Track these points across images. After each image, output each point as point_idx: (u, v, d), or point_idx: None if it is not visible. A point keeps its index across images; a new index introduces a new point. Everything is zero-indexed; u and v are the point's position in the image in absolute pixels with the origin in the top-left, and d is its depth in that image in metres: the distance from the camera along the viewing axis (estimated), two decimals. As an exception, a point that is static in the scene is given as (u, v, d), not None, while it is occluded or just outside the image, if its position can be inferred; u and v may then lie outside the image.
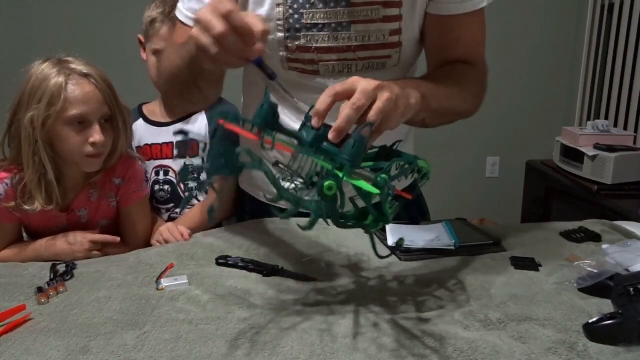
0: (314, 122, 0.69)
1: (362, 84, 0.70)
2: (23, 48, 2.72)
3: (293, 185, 0.69)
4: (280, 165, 0.73)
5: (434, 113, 0.85)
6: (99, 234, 1.08)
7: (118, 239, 1.08)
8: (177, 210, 1.41)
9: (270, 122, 0.70)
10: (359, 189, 0.66)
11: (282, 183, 0.65)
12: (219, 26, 0.66)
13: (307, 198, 0.65)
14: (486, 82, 1.02)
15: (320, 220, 0.68)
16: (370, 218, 0.69)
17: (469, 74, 0.99)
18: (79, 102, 1.01)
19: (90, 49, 2.98)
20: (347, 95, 0.69)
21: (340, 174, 0.65)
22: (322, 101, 0.69)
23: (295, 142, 0.71)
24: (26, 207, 1.02)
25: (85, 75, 1.03)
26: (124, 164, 1.12)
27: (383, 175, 0.65)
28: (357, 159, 0.66)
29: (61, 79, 1.00)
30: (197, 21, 0.69)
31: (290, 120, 0.98)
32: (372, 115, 0.69)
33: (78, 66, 1.03)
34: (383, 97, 0.69)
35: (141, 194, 1.16)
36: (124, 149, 1.11)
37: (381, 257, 0.78)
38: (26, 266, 0.96)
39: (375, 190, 0.64)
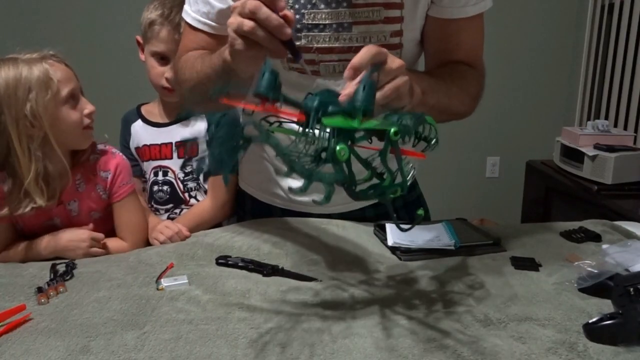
0: (347, 73, 0.69)
1: (389, 61, 0.71)
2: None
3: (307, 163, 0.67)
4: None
5: (431, 109, 0.85)
6: (95, 231, 1.09)
7: (102, 235, 1.09)
8: (177, 210, 1.41)
9: (274, 91, 0.67)
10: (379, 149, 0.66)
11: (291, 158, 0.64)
12: (264, 10, 0.69)
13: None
14: (484, 84, 1.02)
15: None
16: (387, 179, 0.67)
17: (468, 75, 0.99)
18: (64, 80, 1.05)
19: (88, 50, 2.96)
20: (377, 62, 0.70)
21: (354, 123, 0.64)
22: (362, 58, 0.69)
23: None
24: (21, 211, 1.02)
25: (54, 57, 1.06)
26: (108, 157, 1.13)
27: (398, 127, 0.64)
28: (369, 104, 0.65)
29: (43, 66, 1.02)
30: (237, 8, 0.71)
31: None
32: (387, 89, 0.70)
33: (41, 53, 1.06)
34: (403, 78, 0.72)
35: (131, 187, 1.16)
36: None
37: (403, 230, 0.76)
38: (26, 266, 0.96)
39: (394, 127, 0.63)
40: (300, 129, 0.66)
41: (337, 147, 0.62)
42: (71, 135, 1.06)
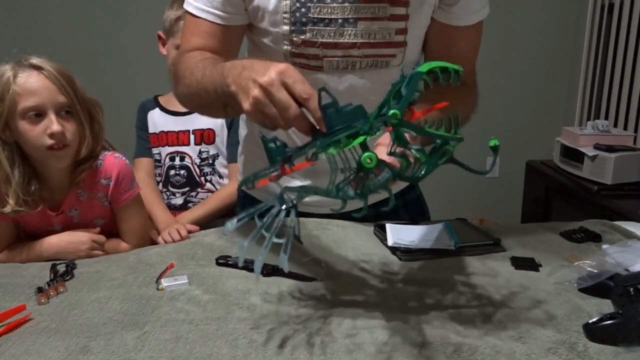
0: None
1: None
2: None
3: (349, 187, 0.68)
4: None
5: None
6: (97, 234, 1.09)
7: (103, 237, 1.09)
8: (192, 193, 1.51)
9: (284, 153, 0.68)
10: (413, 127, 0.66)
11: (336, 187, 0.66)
12: (294, 109, 0.65)
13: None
14: (477, 98, 1.02)
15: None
16: (422, 156, 0.66)
17: (469, 99, 0.99)
18: (28, 93, 0.99)
19: (102, 48, 2.95)
20: None
21: (331, 149, 0.64)
22: None
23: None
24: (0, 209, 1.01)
25: (35, 67, 1.01)
26: (110, 164, 1.11)
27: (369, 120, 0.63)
28: (339, 123, 0.65)
29: (10, 73, 1.00)
30: (266, 90, 0.66)
31: None
32: None
33: (30, 60, 1.02)
34: None
35: (132, 192, 1.15)
36: (94, 142, 1.09)
37: (478, 172, 0.74)
38: (26, 266, 0.96)
39: (360, 138, 0.64)
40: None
41: (362, 158, 0.63)
42: (36, 151, 1.02)
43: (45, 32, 2.82)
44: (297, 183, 1.08)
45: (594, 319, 0.70)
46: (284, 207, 0.64)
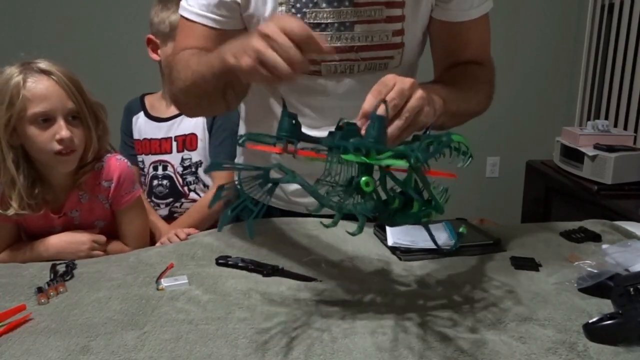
0: (361, 122, 0.69)
1: (399, 84, 0.71)
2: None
3: (335, 196, 0.68)
4: (320, 179, 0.70)
5: (452, 115, 0.86)
6: (97, 234, 1.09)
7: (104, 237, 1.09)
8: (177, 204, 1.43)
9: (294, 132, 0.69)
10: (395, 179, 0.67)
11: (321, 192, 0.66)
12: (294, 49, 0.66)
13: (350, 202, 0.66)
14: (494, 80, 1.03)
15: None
16: (415, 205, 0.68)
17: (480, 75, 0.99)
18: (38, 98, 0.99)
19: (102, 49, 2.94)
20: (387, 92, 0.71)
21: (368, 160, 0.64)
22: (369, 102, 0.70)
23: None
24: (3, 212, 1.01)
25: (44, 72, 1.01)
26: (112, 166, 1.11)
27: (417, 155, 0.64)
28: (380, 139, 0.66)
29: (19, 78, 0.99)
30: (266, 37, 0.67)
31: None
32: (406, 111, 0.70)
33: (38, 64, 1.02)
34: (417, 94, 0.71)
35: (133, 195, 1.14)
36: (99, 146, 1.09)
37: (441, 249, 0.77)
38: (26, 266, 0.96)
39: (402, 162, 0.64)
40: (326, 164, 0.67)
41: (362, 179, 0.63)
42: (42, 156, 1.02)
43: (45, 32, 2.82)
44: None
45: (594, 319, 0.70)
46: (268, 184, 0.64)
